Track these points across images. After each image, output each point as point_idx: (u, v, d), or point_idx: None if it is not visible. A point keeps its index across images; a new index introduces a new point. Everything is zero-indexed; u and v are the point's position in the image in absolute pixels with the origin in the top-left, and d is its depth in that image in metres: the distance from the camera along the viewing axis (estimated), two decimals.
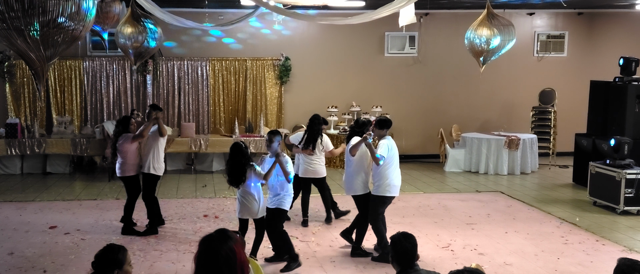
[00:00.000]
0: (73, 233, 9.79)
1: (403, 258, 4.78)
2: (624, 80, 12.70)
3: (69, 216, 10.85)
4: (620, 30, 17.19)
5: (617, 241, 9.46)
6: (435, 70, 16.77)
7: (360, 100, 16.27)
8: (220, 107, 16.08)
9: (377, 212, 8.59)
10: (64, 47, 5.52)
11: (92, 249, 8.70)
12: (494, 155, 14.99)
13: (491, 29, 11.08)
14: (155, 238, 9.50)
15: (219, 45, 16.10)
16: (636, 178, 10.94)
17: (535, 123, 16.18)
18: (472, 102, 16.97)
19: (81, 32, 5.57)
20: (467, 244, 9.28)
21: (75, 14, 5.37)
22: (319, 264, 8.43)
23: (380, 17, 9.07)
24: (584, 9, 16.87)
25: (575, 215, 11.05)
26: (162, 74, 15.77)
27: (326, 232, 9.89)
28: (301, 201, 10.43)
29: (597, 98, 13.57)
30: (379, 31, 16.29)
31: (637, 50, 15.44)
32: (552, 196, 12.72)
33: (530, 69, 17.12)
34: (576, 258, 8.69)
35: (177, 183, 13.85)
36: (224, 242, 3.86)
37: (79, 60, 15.54)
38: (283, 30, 15.66)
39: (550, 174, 15.04)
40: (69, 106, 15.65)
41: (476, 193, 12.86)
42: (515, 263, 8.48)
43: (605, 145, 11.98)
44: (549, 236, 9.72)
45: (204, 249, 3.87)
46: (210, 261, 3.82)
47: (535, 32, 17.09)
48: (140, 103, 15.77)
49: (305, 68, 16.31)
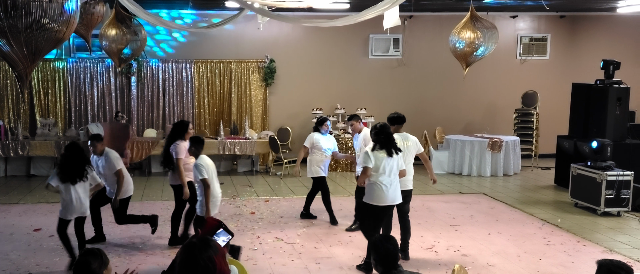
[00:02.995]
0: (57, 236, 9.74)
1: (385, 260, 4.82)
2: (605, 83, 12.83)
3: (53, 218, 10.67)
4: (601, 33, 17.36)
5: (598, 242, 9.58)
6: (419, 73, 16.86)
7: (345, 102, 16.33)
8: (205, 109, 16.08)
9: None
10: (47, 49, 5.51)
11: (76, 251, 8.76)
12: (477, 157, 15.09)
13: (474, 32, 11.18)
14: (141, 240, 9.50)
15: (203, 47, 16.09)
16: (616, 180, 11.06)
17: (518, 126, 16.31)
18: (456, 104, 17.07)
19: (65, 33, 5.56)
20: (451, 245, 9.36)
21: (59, 16, 5.36)
22: (304, 265, 8.47)
23: (365, 19, 9.11)
24: (566, 12, 17.03)
25: (557, 216, 11.17)
26: (147, 76, 15.74)
27: (311, 234, 9.93)
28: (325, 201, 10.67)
29: (578, 101, 13.70)
30: (364, 33, 16.35)
31: (618, 53, 15.59)
32: (534, 197, 12.84)
33: (513, 72, 17.25)
34: (558, 258, 8.79)
35: (162, 185, 13.83)
36: (204, 251, 3.87)
37: (63, 62, 15.48)
38: (268, 32, 15.65)
39: (533, 176, 15.17)
40: (53, 108, 15.59)
41: (459, 195, 12.95)
42: (498, 263, 8.56)
43: (586, 147, 12.10)
44: (531, 237, 9.81)
45: (184, 257, 3.88)
46: (189, 269, 3.84)
47: (518, 35, 17.22)
48: (125, 105, 15.74)
49: (290, 70, 16.35)
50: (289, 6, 10.96)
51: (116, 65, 12.30)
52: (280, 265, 8.46)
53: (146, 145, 14.63)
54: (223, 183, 13.94)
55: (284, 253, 8.96)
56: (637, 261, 8.56)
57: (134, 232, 9.94)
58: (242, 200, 12.36)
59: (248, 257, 8.67)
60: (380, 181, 7.95)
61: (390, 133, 8.15)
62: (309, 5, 10.84)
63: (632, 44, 17.38)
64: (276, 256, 8.84)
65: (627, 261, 8.51)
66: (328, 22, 10.03)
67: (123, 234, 9.85)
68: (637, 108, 16.73)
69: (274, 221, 10.71)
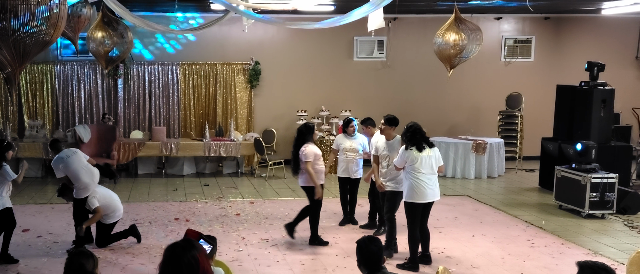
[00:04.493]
0: (45, 236, 9.83)
1: (369, 261, 4.87)
2: (590, 85, 12.93)
3: (42, 219, 10.84)
4: (586, 34, 17.46)
5: (582, 245, 9.65)
6: (404, 75, 16.92)
7: (330, 104, 16.37)
8: (190, 111, 16.07)
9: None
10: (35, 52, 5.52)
11: (65, 252, 8.78)
12: (461, 159, 15.16)
13: (459, 34, 11.25)
14: (127, 241, 9.50)
15: (189, 49, 16.08)
16: (601, 182, 11.13)
17: (502, 128, 16.39)
18: (440, 106, 17.13)
19: (52, 36, 5.57)
20: (435, 247, 9.39)
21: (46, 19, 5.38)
22: (289, 267, 8.50)
23: (349, 21, 9.14)
24: (550, 14, 17.13)
25: (541, 219, 11.24)
26: (133, 78, 15.72)
27: (296, 236, 9.93)
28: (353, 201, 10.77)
29: (563, 103, 13.78)
30: (348, 35, 16.39)
31: (603, 55, 15.70)
32: (518, 199, 12.92)
33: (498, 74, 17.33)
34: (542, 261, 8.86)
35: (148, 186, 13.84)
36: (187, 250, 3.90)
37: (50, 65, 15.45)
38: (253, 34, 15.66)
39: (517, 178, 15.26)
40: (41, 110, 15.55)
41: (444, 197, 12.95)
42: (482, 265, 8.62)
43: (570, 149, 12.17)
44: (516, 240, 9.88)
45: (167, 257, 3.91)
46: (173, 269, 3.87)
47: (503, 37, 17.30)
48: (111, 107, 15.73)
49: (275, 72, 16.36)
50: (274, 8, 10.98)
51: (103, 67, 12.29)
52: (265, 266, 8.48)
53: (133, 146, 14.63)
54: (208, 185, 14.02)
55: (269, 255, 8.99)
56: (622, 263, 8.62)
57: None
58: (227, 202, 12.37)
59: (233, 258, 8.70)
60: (420, 178, 8.23)
61: (424, 132, 8.58)
62: (294, 7, 10.86)
63: (616, 45, 17.50)
64: (261, 257, 8.87)
65: (611, 264, 8.57)
66: (313, 24, 10.06)
67: None
68: (621, 110, 16.84)
69: (259, 223, 10.74)
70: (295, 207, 11.66)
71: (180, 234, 9.18)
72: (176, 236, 9.50)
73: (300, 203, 10.77)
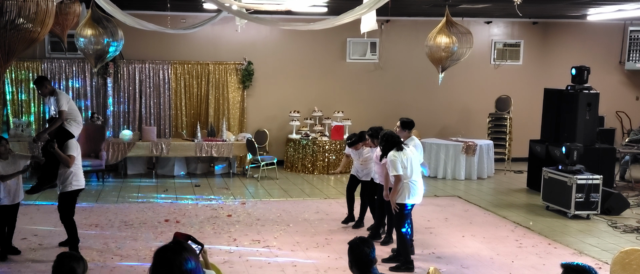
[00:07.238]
0: (30, 238, 9.69)
1: (361, 262, 4.91)
2: (576, 88, 13.07)
3: (26, 221, 10.60)
4: (572, 39, 17.64)
5: (568, 245, 9.77)
6: (396, 76, 17.00)
7: (322, 105, 16.42)
8: (182, 111, 16.02)
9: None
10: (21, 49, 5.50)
11: (50, 254, 8.73)
12: (451, 160, 15.25)
13: (450, 37, 11.34)
14: (115, 242, 9.51)
15: (181, 48, 16.07)
16: (586, 184, 11.28)
17: (492, 130, 16.52)
18: (431, 108, 17.23)
19: (39, 34, 5.54)
20: (426, 248, 9.49)
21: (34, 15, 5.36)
22: (281, 268, 8.54)
23: (343, 23, 9.20)
24: (538, 19, 17.28)
25: (529, 219, 11.36)
26: (123, 77, 15.64)
27: (287, 237, 10.00)
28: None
29: (550, 106, 13.93)
30: (341, 37, 16.44)
31: (588, 59, 15.87)
32: (507, 200, 13.03)
33: (487, 77, 17.45)
34: (529, 261, 8.96)
35: (138, 187, 13.83)
36: (178, 254, 3.86)
37: (38, 62, 15.28)
38: (246, 34, 15.67)
39: (506, 179, 15.37)
40: (27, 108, 15.41)
41: (434, 198, 13.08)
42: (471, 266, 8.71)
43: (557, 151, 12.32)
44: (504, 240, 9.98)
45: (158, 261, 3.87)
46: (165, 270, 3.85)
47: (492, 41, 17.43)
48: (101, 106, 15.62)
49: (268, 73, 16.39)
50: (267, 9, 11.01)
51: (92, 65, 12.16)
52: (257, 268, 8.52)
53: (122, 146, 14.57)
54: (199, 185, 14.03)
55: (261, 256, 9.03)
56: (606, 263, 8.74)
57: (109, 234, 9.95)
58: (218, 203, 12.39)
59: (224, 260, 8.73)
60: (411, 180, 8.47)
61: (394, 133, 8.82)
62: (288, 8, 10.90)
63: (601, 50, 17.70)
64: (253, 258, 8.90)
65: (595, 263, 8.74)
66: (306, 25, 10.11)
67: (97, 238, 9.84)
68: (606, 114, 17.03)
69: (250, 224, 10.76)
70: (288, 208, 11.77)
71: (171, 235, 9.18)
72: (166, 238, 9.49)
73: (292, 204, 10.81)
